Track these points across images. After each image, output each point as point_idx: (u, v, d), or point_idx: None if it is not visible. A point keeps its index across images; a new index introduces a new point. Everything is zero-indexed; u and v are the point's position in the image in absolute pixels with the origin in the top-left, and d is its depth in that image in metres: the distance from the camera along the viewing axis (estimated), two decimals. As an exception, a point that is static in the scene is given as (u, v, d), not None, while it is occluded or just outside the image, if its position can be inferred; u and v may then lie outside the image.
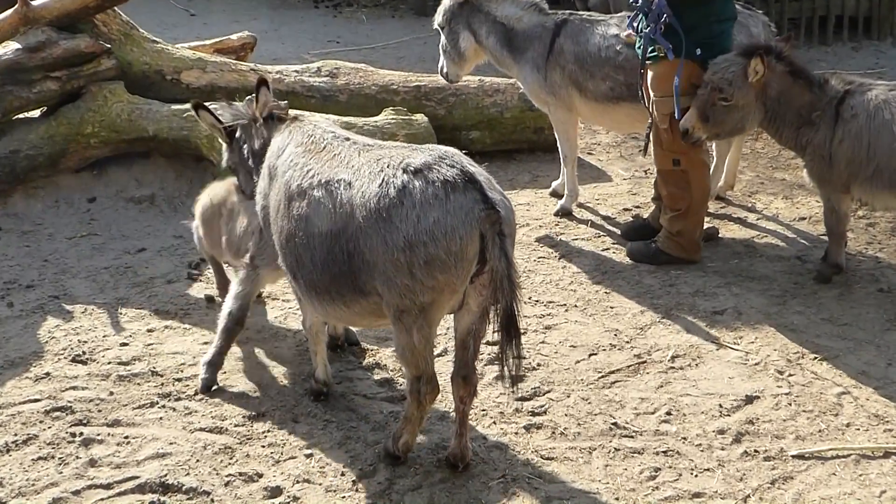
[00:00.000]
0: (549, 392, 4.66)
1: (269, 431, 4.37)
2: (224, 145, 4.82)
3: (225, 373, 4.82)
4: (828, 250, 5.76)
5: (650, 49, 5.68)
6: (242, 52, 8.24)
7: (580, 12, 6.99)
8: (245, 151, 4.64)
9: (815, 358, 4.91)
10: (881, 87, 5.47)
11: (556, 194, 7.12)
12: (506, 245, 3.63)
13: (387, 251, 3.66)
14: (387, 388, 4.75)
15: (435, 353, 4.26)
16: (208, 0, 13.42)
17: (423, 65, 10.33)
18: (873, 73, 9.88)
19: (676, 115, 5.62)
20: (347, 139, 4.14)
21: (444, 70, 7.01)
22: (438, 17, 6.91)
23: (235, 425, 4.41)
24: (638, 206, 6.94)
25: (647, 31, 5.61)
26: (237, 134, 4.68)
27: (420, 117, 7.40)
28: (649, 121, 5.94)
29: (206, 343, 5.10)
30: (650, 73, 5.77)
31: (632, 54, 6.26)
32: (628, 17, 6.14)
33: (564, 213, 6.84)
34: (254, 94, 4.58)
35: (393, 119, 7.18)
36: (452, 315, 3.97)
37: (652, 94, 5.80)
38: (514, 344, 3.74)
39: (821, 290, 5.60)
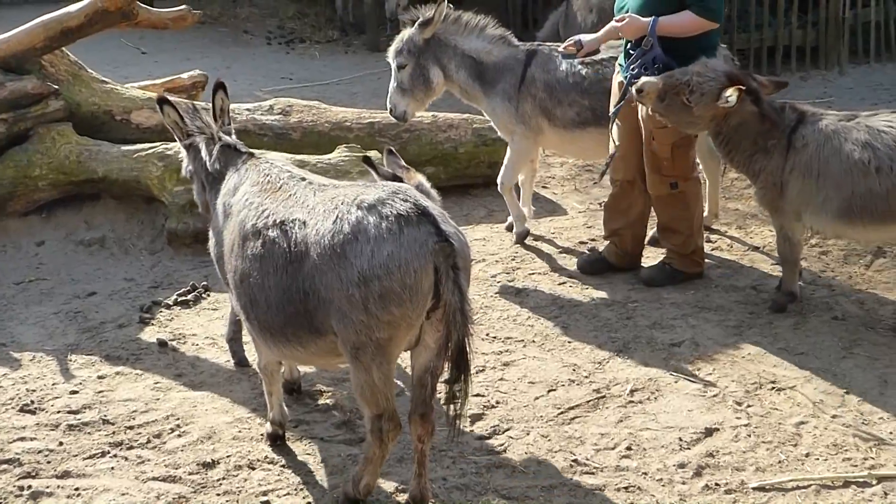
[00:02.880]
0: (508, 430, 4.61)
1: (224, 479, 4.27)
2: (183, 151, 4.74)
3: (178, 419, 4.74)
4: (782, 279, 5.80)
5: None
6: (194, 90, 8.17)
7: (548, 43, 7.02)
8: (201, 162, 4.60)
9: (773, 388, 4.92)
10: (831, 116, 5.53)
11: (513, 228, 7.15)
12: (459, 278, 3.64)
13: (342, 287, 3.64)
14: (345, 430, 4.67)
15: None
16: (159, 38, 13.31)
17: (376, 100, 10.28)
18: (822, 103, 10.03)
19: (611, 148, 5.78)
20: (303, 179, 4.15)
21: (402, 109, 6.83)
22: (400, 55, 6.72)
23: (189, 473, 4.31)
24: (594, 239, 6.95)
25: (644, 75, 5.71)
26: (196, 143, 4.62)
27: (374, 154, 7.36)
28: (611, 151, 6.00)
29: (158, 388, 5.02)
30: (643, 108, 5.81)
31: (595, 79, 6.42)
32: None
33: (521, 237, 6.91)
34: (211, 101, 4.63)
35: (347, 156, 7.13)
36: (409, 352, 3.93)
37: (651, 126, 5.84)
38: (464, 379, 3.73)
39: (776, 319, 5.62)
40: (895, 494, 4.05)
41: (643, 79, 5.56)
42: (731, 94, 5.29)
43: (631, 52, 5.87)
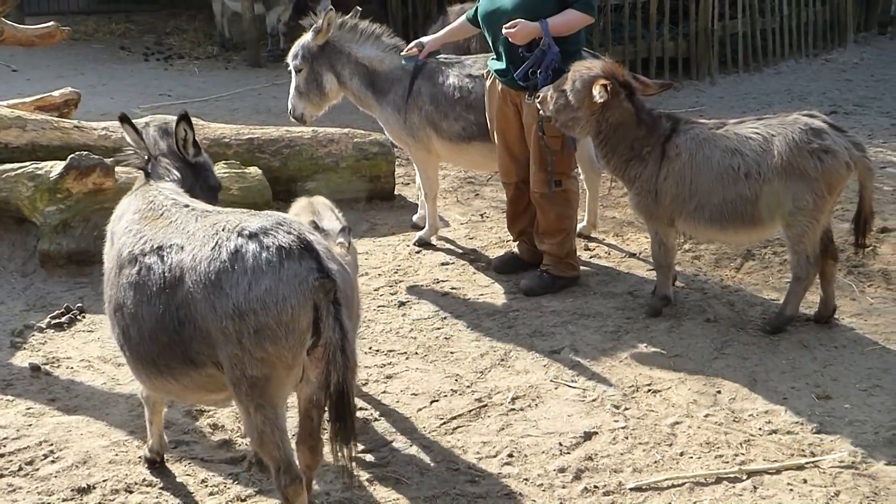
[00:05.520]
0: (391, 442, 4.61)
1: (100, 504, 4.18)
2: None
3: (52, 444, 4.60)
4: (657, 284, 5.95)
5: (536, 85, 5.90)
6: (66, 108, 7.98)
7: (438, 55, 7.11)
8: None
9: (649, 390, 5.04)
10: (702, 125, 5.70)
11: (416, 227, 7.37)
12: (341, 315, 3.46)
13: (216, 318, 3.47)
14: (225, 449, 4.60)
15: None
16: (31, 55, 12.95)
17: (257, 116, 10.25)
18: (694, 111, 10.37)
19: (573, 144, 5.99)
20: (187, 206, 3.94)
21: (299, 111, 6.98)
22: (296, 59, 6.87)
23: (64, 500, 4.18)
24: (475, 250, 7.02)
25: (539, 77, 5.85)
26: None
27: (254, 170, 7.31)
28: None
29: (31, 414, 4.87)
30: (534, 104, 5.91)
31: (481, 94, 6.53)
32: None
33: (423, 243, 7.07)
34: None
35: (226, 172, 7.05)
36: None
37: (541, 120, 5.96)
38: (347, 426, 3.52)
39: (652, 323, 5.77)
40: (764, 488, 4.20)
41: (542, 90, 5.74)
42: (598, 87, 5.42)
43: (526, 54, 5.92)
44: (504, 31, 5.93)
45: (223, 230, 3.59)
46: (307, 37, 6.86)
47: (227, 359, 3.50)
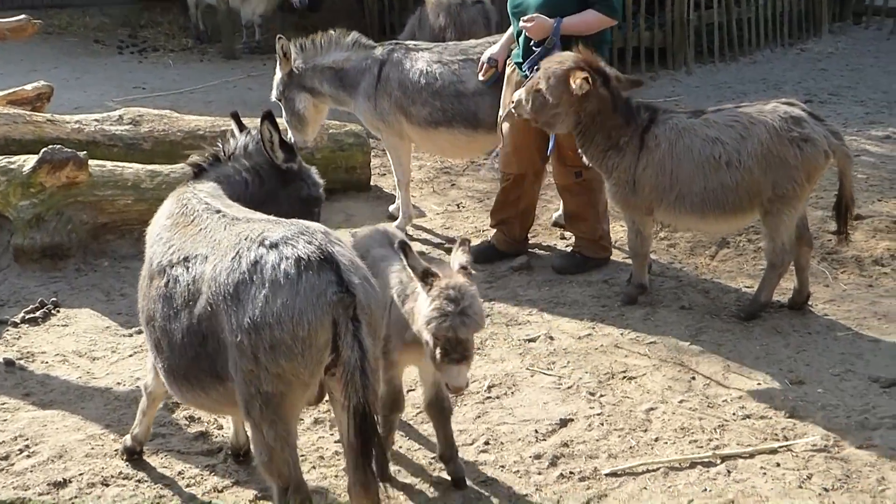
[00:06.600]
0: (367, 432, 4.62)
1: (76, 497, 4.16)
2: None
3: (27, 439, 4.58)
4: (632, 273, 5.97)
5: None
6: (38, 102, 7.91)
7: (406, 42, 7.32)
8: None
9: (625, 377, 5.07)
10: (681, 115, 5.71)
11: (393, 217, 7.41)
12: (360, 332, 3.28)
13: (233, 332, 3.32)
14: (202, 441, 4.60)
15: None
16: (3, 49, 12.83)
17: (232, 108, 10.16)
18: (671, 101, 10.39)
19: (550, 147, 6.04)
20: (218, 211, 3.77)
21: (294, 140, 7.18)
22: (274, 93, 7.17)
23: (40, 494, 4.18)
24: (452, 240, 7.02)
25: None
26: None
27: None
28: (498, 146, 6.38)
29: (5, 409, 4.85)
30: None
31: (448, 81, 6.74)
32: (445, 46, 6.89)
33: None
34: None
35: (201, 165, 7.02)
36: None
37: None
38: (373, 447, 3.35)
39: (628, 311, 5.79)
40: (738, 472, 4.23)
41: (515, 94, 5.74)
42: (580, 80, 5.39)
43: (534, 48, 5.97)
44: (521, 23, 5.98)
45: (245, 240, 3.45)
46: (276, 71, 7.14)
47: (240, 374, 3.35)
